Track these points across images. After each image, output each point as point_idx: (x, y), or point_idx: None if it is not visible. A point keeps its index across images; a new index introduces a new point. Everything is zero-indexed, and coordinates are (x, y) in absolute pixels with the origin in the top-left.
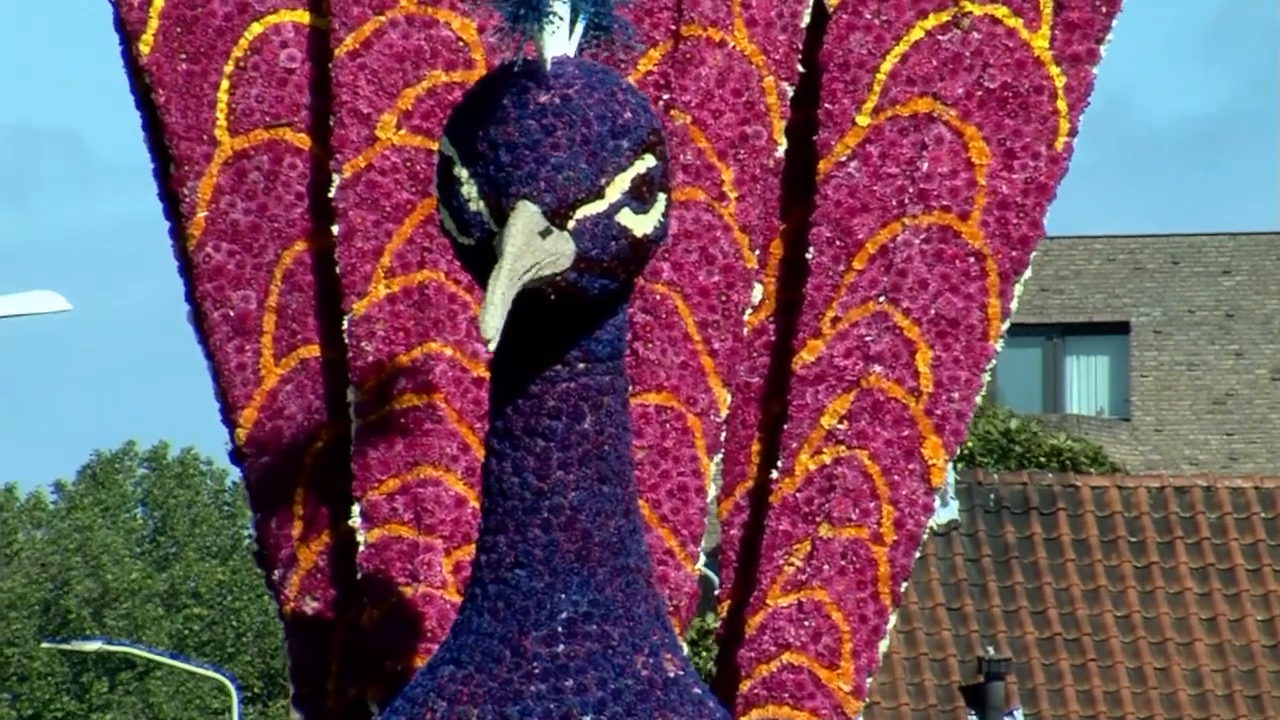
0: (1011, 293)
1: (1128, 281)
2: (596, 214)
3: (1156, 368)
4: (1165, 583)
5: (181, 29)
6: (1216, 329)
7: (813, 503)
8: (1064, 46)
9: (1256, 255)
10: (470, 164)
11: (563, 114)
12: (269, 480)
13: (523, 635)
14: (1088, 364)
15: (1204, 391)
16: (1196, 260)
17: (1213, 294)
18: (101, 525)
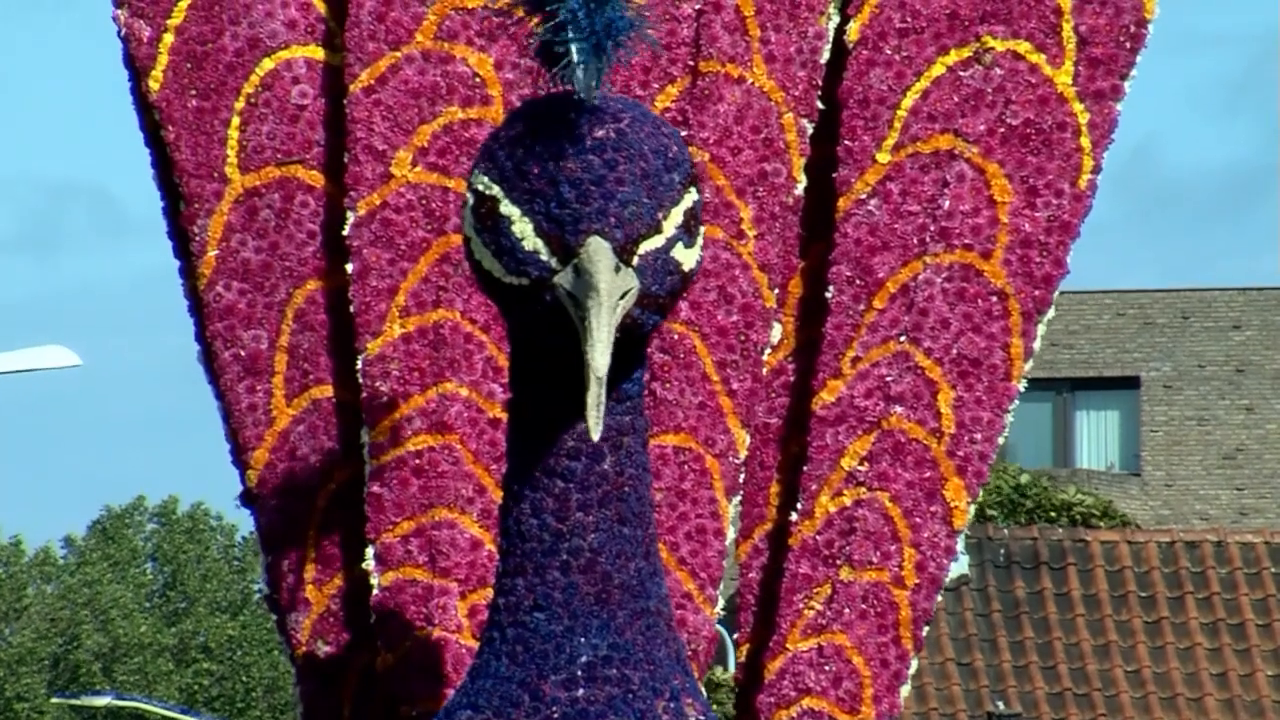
0: (1034, 332)
1: (1138, 336)
2: (656, 249)
3: (1167, 422)
4: (1175, 638)
5: (191, 65)
6: (1227, 384)
7: (833, 545)
8: (1087, 82)
9: (1267, 310)
10: (524, 201)
11: (621, 148)
12: (281, 522)
13: (542, 679)
14: (1098, 419)
15: (1214, 446)
16: (1207, 315)
17: (1223, 349)
18: (111, 580)
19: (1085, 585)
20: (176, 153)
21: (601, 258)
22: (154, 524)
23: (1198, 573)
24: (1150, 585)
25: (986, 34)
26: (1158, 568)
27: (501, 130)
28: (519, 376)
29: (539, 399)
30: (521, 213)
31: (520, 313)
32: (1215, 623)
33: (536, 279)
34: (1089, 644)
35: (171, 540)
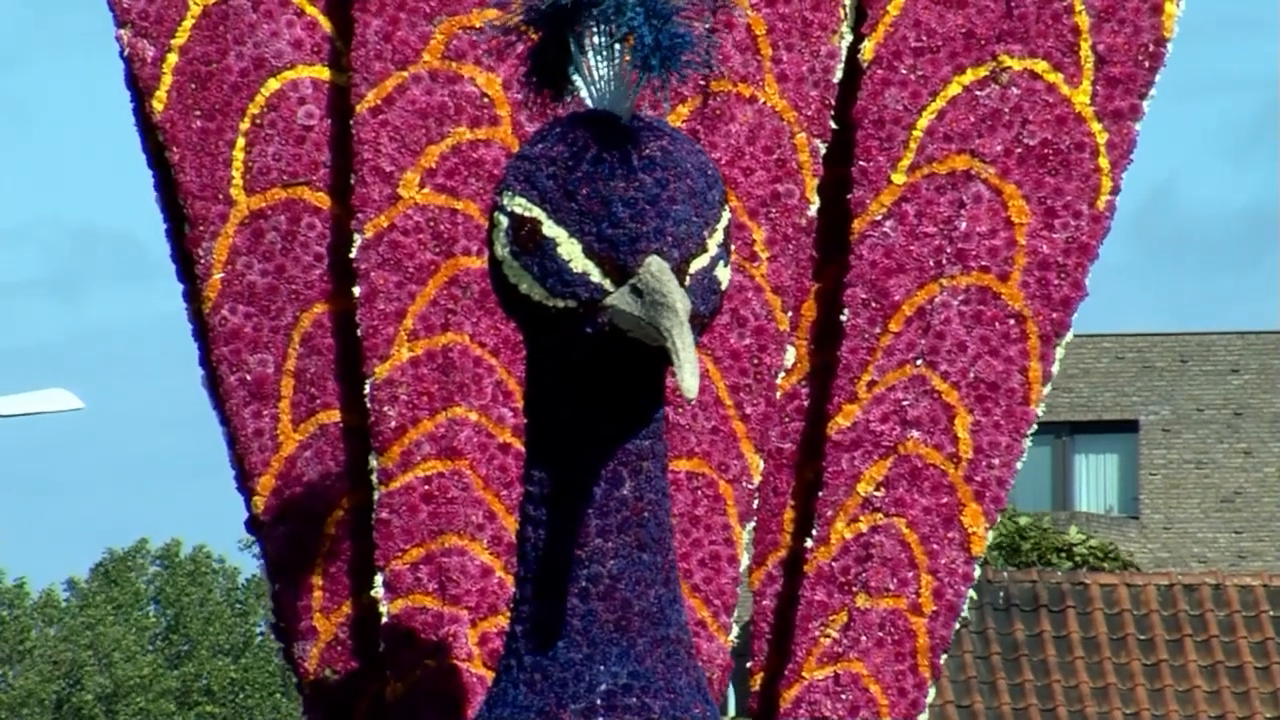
0: (1053, 355)
1: (1136, 380)
2: (702, 268)
3: (1165, 465)
4: (1174, 680)
5: (196, 85)
6: (1225, 427)
7: (849, 572)
8: (1106, 102)
9: (1265, 354)
10: (572, 223)
11: (669, 165)
12: (287, 549)
13: (560, 708)
14: (1097, 462)
15: (1212, 490)
16: (1205, 359)
17: (1221, 392)
18: (114, 622)
19: (1084, 628)
20: (181, 174)
21: (670, 276)
22: (156, 566)
23: (1196, 615)
24: (1149, 628)
25: (1003, 53)
26: (1156, 611)
27: (534, 149)
28: (539, 401)
29: (561, 422)
30: (569, 234)
31: (561, 336)
32: (1214, 665)
33: (586, 301)
34: (1088, 686)
35: (174, 583)
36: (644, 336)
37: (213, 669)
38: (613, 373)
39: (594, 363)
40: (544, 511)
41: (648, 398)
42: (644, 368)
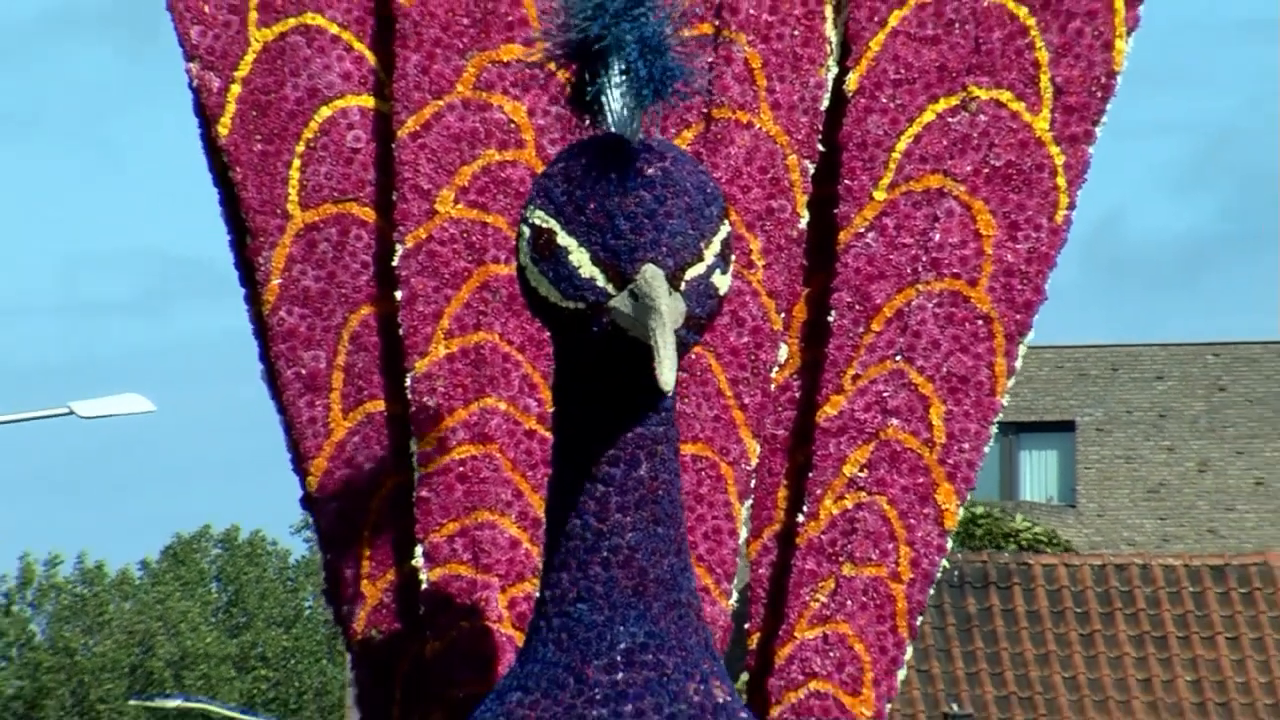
0: (1016, 352)
1: (1073, 385)
2: (698, 275)
3: (1099, 461)
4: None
5: (257, 113)
6: (1151, 427)
7: (836, 544)
8: (1063, 128)
9: (1185, 364)
10: (580, 233)
11: (668, 184)
12: (338, 524)
13: (585, 664)
14: (1039, 457)
15: (1140, 482)
16: (1134, 367)
17: (1147, 397)
18: (181, 598)
19: (1028, 603)
20: (243, 191)
21: (660, 283)
22: (218, 549)
23: (1126, 592)
24: (1085, 603)
25: (972, 84)
26: (1091, 588)
27: (554, 168)
28: (564, 391)
29: (583, 412)
30: (578, 243)
31: (573, 334)
32: (1141, 635)
33: (593, 303)
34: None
35: (233, 563)
36: (640, 335)
37: (267, 638)
38: (620, 367)
39: (603, 358)
40: (569, 490)
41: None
42: (646, 363)
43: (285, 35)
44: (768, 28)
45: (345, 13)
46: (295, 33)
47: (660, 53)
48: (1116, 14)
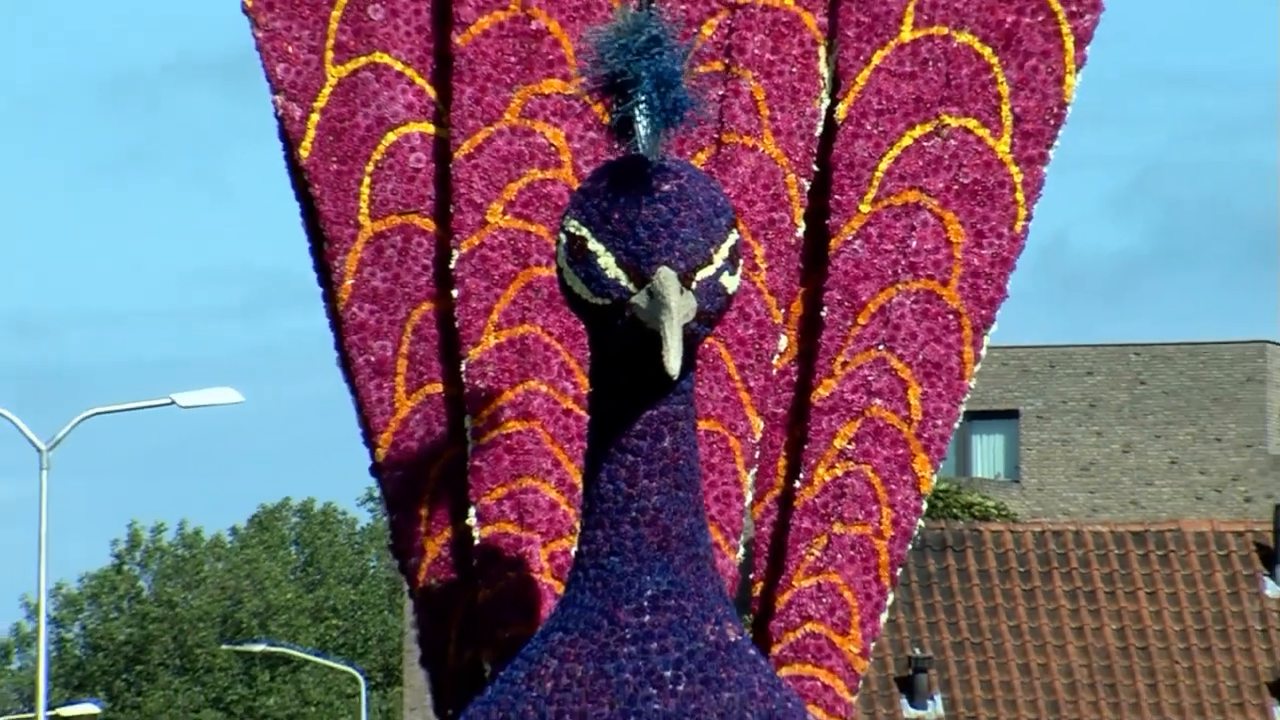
0: (982, 343)
1: (1018, 380)
2: (708, 276)
3: (1039, 444)
4: (1045, 601)
5: (333, 137)
6: (1083, 415)
7: (828, 506)
8: (1021, 150)
9: (1112, 361)
10: (607, 240)
11: (682, 199)
12: (402, 489)
13: (616, 608)
14: (988, 441)
15: (1073, 461)
16: (1068, 365)
17: (1080, 389)
18: (265, 559)
19: (979, 563)
20: (321, 205)
21: (671, 283)
22: (296, 518)
23: (1061, 554)
24: (1027, 563)
25: (944, 113)
26: (1032, 551)
27: (588, 185)
28: (598, 376)
29: (614, 393)
30: (605, 249)
31: (602, 326)
32: (1074, 590)
33: (617, 300)
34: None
35: (309, 529)
36: (654, 327)
37: (337, 593)
38: (639, 354)
39: (625, 346)
40: (603, 460)
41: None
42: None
43: (357, 71)
44: (770, 65)
45: (408, 52)
46: (366, 69)
47: (672, 86)
48: (1067, 54)
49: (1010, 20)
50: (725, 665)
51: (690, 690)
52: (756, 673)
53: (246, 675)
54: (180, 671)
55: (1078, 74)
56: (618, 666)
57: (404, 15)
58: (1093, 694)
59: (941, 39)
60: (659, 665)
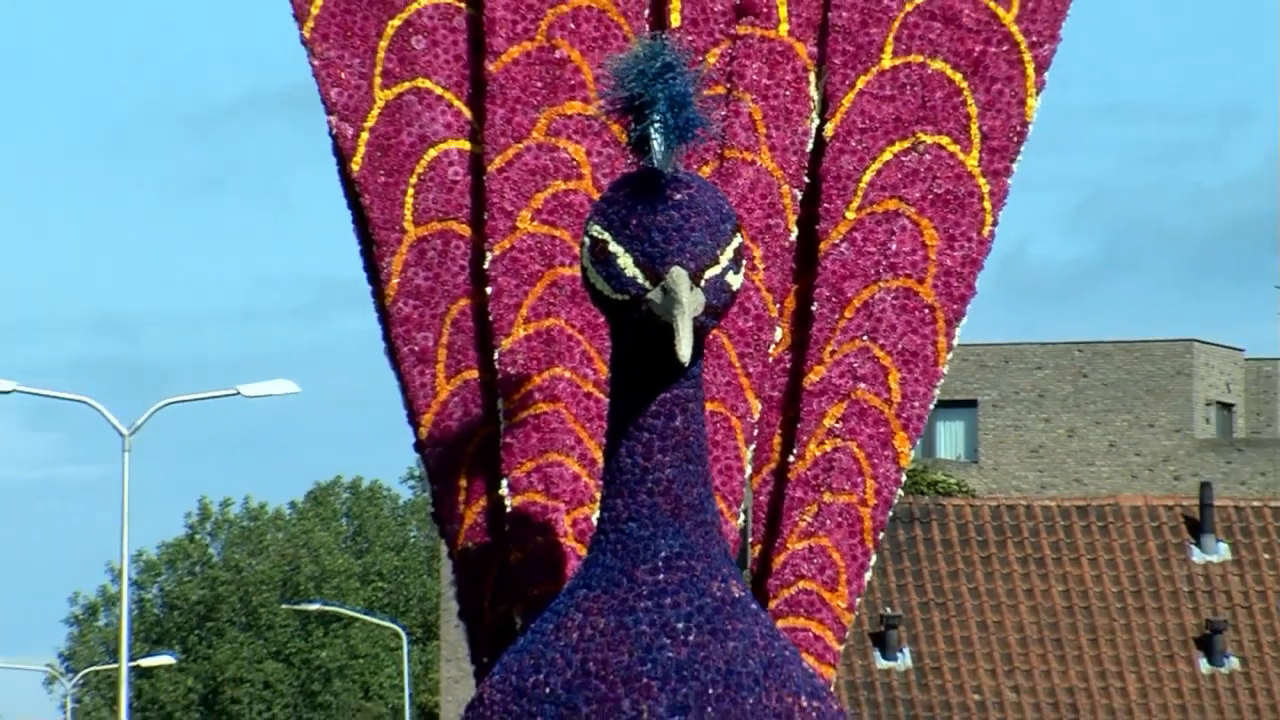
0: (954, 334)
1: (976, 373)
2: (715, 275)
3: (994, 429)
4: (1000, 567)
5: (381, 153)
6: (1033, 405)
7: (818, 478)
8: (988, 164)
9: (1058, 357)
10: (625, 243)
11: (692, 206)
12: (442, 464)
13: (634, 568)
14: (951, 426)
15: (1024, 445)
16: (1020, 360)
17: (1030, 382)
18: (319, 529)
19: (943, 533)
20: (371, 212)
21: (683, 281)
22: (347, 493)
23: (1014, 525)
24: (984, 534)
25: (920, 132)
26: (989, 522)
27: (609, 194)
28: (617, 363)
29: (632, 378)
30: (624, 250)
31: (622, 319)
32: (1025, 557)
33: (635, 295)
34: (944, 570)
35: (358, 504)
36: (667, 320)
37: (382, 560)
38: (654, 344)
39: (644, 337)
40: (623, 438)
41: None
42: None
43: (402, 95)
44: (766, 89)
45: (447, 78)
46: (409, 93)
47: (684, 107)
48: (1028, 79)
49: (978, 49)
50: (730, 618)
51: (699, 640)
52: (758, 625)
53: (303, 631)
54: (245, 628)
55: (1038, 96)
56: (635, 619)
57: (443, 45)
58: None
59: (918, 66)
60: (672, 618)
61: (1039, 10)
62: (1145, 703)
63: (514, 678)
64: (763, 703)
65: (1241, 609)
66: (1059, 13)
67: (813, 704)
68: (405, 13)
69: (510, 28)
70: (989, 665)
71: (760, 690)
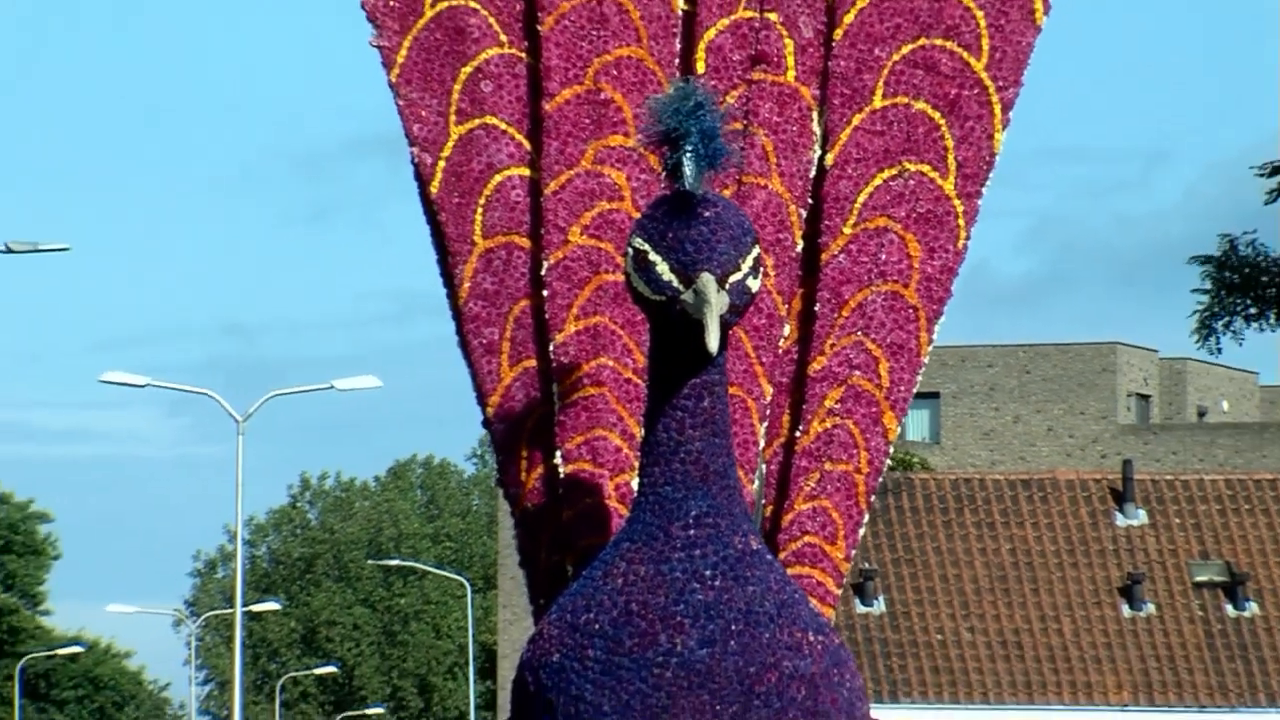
0: (934, 330)
1: (939, 370)
2: (738, 280)
3: (953, 416)
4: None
5: (455, 178)
6: (985, 396)
7: (820, 450)
8: (962, 188)
9: (1007, 357)
10: (663, 253)
11: (719, 222)
12: (506, 438)
13: (669, 524)
14: (917, 414)
15: (978, 429)
16: (974, 359)
17: (983, 377)
18: (399, 498)
19: (911, 502)
20: (447, 228)
21: (711, 285)
22: (421, 469)
23: (969, 495)
24: (945, 502)
25: (905, 161)
26: (949, 493)
27: (648, 212)
28: (656, 353)
29: (668, 366)
30: (662, 259)
31: (660, 317)
32: (979, 522)
33: (670, 297)
34: (912, 533)
35: (430, 477)
36: (698, 317)
37: (450, 524)
38: (687, 338)
39: (678, 332)
40: (660, 416)
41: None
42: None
43: (472, 130)
44: (777, 125)
45: (510, 115)
46: (479, 128)
47: (713, 139)
48: (995, 117)
49: (954, 92)
50: (749, 566)
51: (724, 585)
52: (772, 572)
53: (385, 582)
54: (338, 579)
55: (1004, 131)
56: (670, 567)
57: (507, 88)
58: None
59: (903, 106)
60: (701, 566)
61: (1004, 60)
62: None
63: (568, 616)
64: (777, 637)
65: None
66: (1021, 62)
67: (818, 638)
68: (475, 61)
69: (563, 74)
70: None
71: (775, 626)
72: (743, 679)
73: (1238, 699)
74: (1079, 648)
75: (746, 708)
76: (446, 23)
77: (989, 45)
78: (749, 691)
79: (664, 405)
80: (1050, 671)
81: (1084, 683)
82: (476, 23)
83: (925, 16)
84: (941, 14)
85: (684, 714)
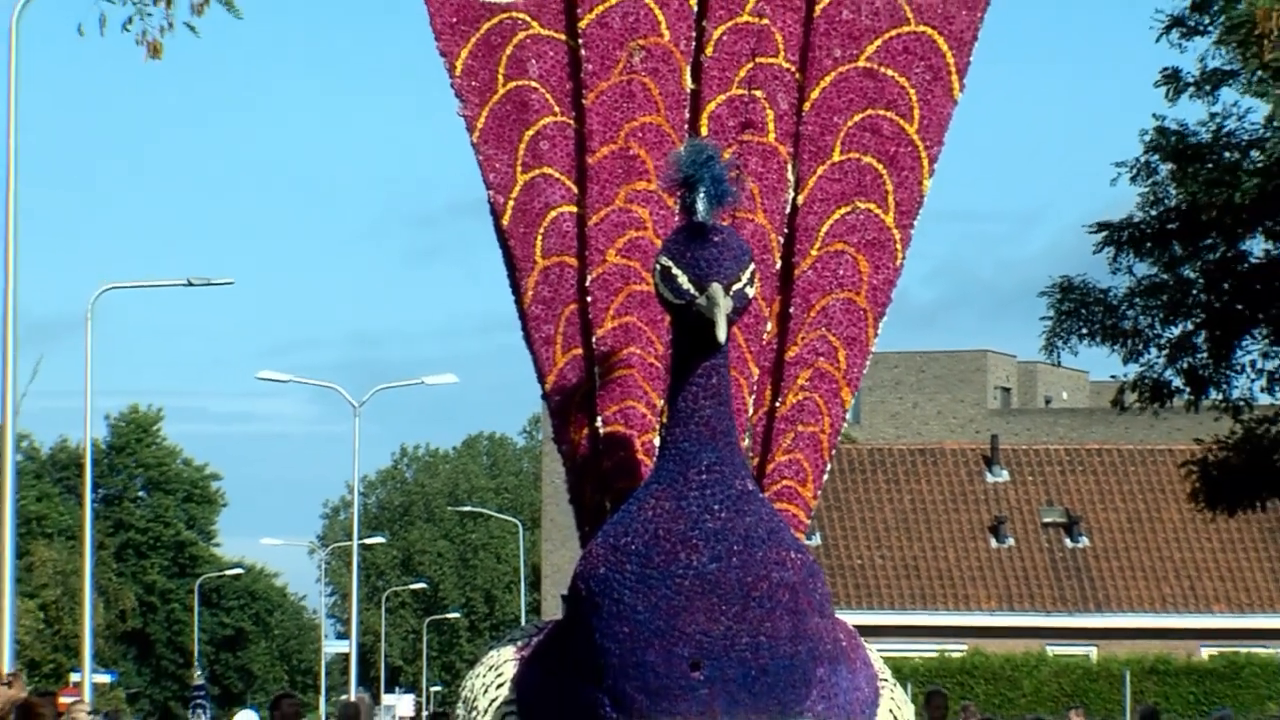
0: (878, 327)
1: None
2: (739, 288)
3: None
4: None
5: (521, 214)
6: (892, 388)
7: (794, 416)
8: (899, 221)
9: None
10: (683, 267)
11: (725, 245)
12: (560, 407)
13: (686, 471)
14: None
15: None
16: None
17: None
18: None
19: (838, 466)
20: (515, 251)
21: (720, 292)
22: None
23: (881, 461)
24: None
25: (857, 200)
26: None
27: (672, 238)
28: (677, 343)
29: (686, 353)
30: (681, 272)
31: (680, 317)
32: (888, 479)
33: (689, 301)
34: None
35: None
36: (710, 316)
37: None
38: (701, 333)
39: (694, 328)
40: (678, 392)
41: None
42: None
43: (533, 178)
44: (761, 174)
45: (562, 167)
46: (539, 177)
47: (721, 182)
48: (924, 168)
49: (893, 150)
50: (747, 502)
51: (728, 516)
52: (763, 507)
53: (460, 523)
54: (426, 520)
55: (930, 179)
56: (687, 503)
57: (560, 147)
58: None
59: (855, 159)
60: (711, 502)
61: (931, 125)
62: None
63: (610, 539)
64: (767, 555)
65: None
66: (943, 127)
67: (797, 555)
68: (535, 126)
69: (601, 136)
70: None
71: (766, 547)
72: (742, 586)
73: (1073, 606)
74: (960, 570)
75: (745, 607)
76: (515, 98)
77: (919, 114)
78: (746, 595)
79: (682, 382)
80: (939, 587)
81: (964, 595)
82: (537, 98)
83: (871, 93)
84: (883, 91)
85: (698, 613)
